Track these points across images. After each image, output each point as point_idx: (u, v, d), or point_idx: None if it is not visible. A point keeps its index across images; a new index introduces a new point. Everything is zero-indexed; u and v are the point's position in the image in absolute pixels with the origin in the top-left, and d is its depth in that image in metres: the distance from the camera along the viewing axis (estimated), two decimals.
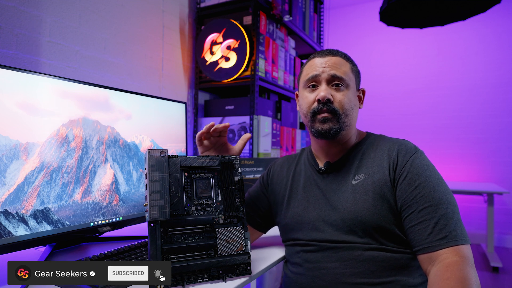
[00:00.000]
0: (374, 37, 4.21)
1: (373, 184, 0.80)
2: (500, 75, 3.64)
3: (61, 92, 0.86)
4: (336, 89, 0.85)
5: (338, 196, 0.84)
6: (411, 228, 0.75)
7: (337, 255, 0.79)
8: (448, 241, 0.71)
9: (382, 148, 0.85)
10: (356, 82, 0.90)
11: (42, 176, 0.81)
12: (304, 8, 2.39)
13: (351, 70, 0.88)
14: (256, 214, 0.99)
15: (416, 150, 0.83)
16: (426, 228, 0.73)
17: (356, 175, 0.84)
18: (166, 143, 1.18)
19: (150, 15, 1.70)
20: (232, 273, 0.74)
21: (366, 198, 0.80)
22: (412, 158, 0.80)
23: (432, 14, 1.94)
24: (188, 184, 0.76)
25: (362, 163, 0.86)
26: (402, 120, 4.02)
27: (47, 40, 1.24)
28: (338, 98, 0.84)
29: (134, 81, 1.61)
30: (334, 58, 0.87)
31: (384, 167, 0.82)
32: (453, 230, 0.72)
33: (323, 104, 0.84)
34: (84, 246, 1.01)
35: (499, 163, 3.62)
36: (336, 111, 0.84)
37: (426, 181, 0.77)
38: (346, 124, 0.85)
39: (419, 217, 0.74)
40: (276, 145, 1.98)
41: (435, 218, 0.73)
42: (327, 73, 0.85)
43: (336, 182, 0.86)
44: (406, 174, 0.79)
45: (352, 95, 0.87)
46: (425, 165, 0.80)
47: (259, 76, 1.80)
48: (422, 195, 0.76)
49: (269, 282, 1.95)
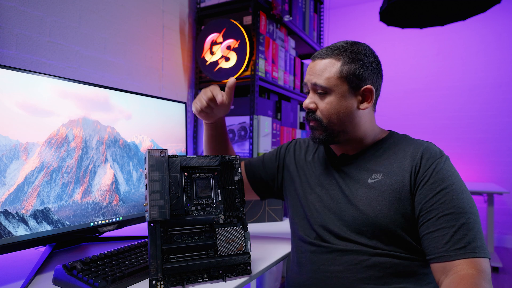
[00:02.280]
0: (374, 37, 4.21)
1: (391, 186, 0.78)
2: (500, 75, 3.64)
3: (61, 92, 0.86)
4: (320, 97, 0.82)
5: (352, 192, 0.82)
6: (427, 234, 0.72)
7: (342, 259, 0.78)
8: (466, 252, 0.67)
9: (405, 150, 0.82)
10: (351, 84, 0.81)
11: (42, 176, 0.81)
12: (304, 8, 2.39)
13: (340, 73, 0.80)
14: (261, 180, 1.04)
15: (441, 154, 0.78)
16: (444, 236, 0.69)
17: (374, 174, 0.81)
18: (166, 143, 1.18)
19: (150, 15, 1.70)
20: (232, 273, 0.74)
21: (381, 199, 0.77)
22: (436, 163, 0.76)
23: (432, 14, 1.94)
24: (188, 184, 0.76)
25: (381, 162, 0.82)
26: (402, 120, 4.02)
27: (47, 40, 1.24)
28: (321, 107, 0.82)
29: (134, 81, 1.61)
30: (322, 62, 0.82)
31: (404, 169, 0.78)
32: (472, 241, 0.68)
33: (307, 113, 0.86)
34: (84, 246, 1.01)
35: (499, 163, 3.62)
36: (319, 121, 0.83)
37: (449, 187, 0.73)
38: (336, 130, 0.82)
39: (437, 224, 0.71)
40: (276, 145, 1.98)
41: (455, 227, 0.69)
42: (310, 81, 0.84)
43: (351, 177, 0.84)
44: (428, 178, 0.75)
45: (338, 100, 0.81)
46: (449, 171, 0.76)
47: (259, 76, 1.80)
48: (443, 202, 0.72)
49: (269, 282, 1.95)
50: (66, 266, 0.69)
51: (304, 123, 2.44)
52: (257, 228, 1.24)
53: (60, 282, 0.69)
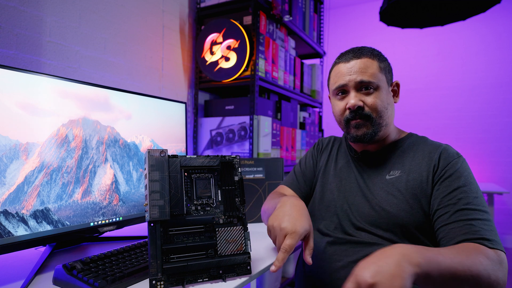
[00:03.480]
0: (374, 37, 4.21)
1: (407, 182, 0.81)
2: (500, 75, 3.64)
3: (61, 92, 0.86)
4: (366, 93, 0.85)
5: (369, 187, 0.86)
6: (443, 226, 0.73)
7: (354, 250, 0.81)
8: (483, 242, 0.68)
9: (424, 150, 0.85)
10: (387, 78, 0.88)
11: (42, 176, 0.81)
12: (304, 8, 2.39)
13: (379, 69, 0.85)
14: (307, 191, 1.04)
15: (458, 155, 0.82)
16: (461, 228, 0.71)
17: (392, 170, 0.85)
18: (166, 143, 1.18)
19: (150, 15, 1.70)
20: (232, 273, 0.74)
21: (397, 194, 0.81)
22: (453, 162, 0.80)
23: (432, 14, 1.94)
24: (188, 184, 0.76)
25: (400, 160, 0.86)
26: (402, 120, 4.02)
27: (47, 40, 1.24)
28: (369, 102, 0.84)
29: (134, 81, 1.61)
30: (359, 61, 0.85)
31: (422, 168, 0.82)
32: (488, 234, 0.69)
33: (354, 112, 0.85)
34: (84, 246, 1.01)
35: (499, 163, 3.62)
36: (369, 116, 0.84)
37: (466, 185, 0.76)
38: (382, 125, 0.86)
39: (454, 217, 0.72)
40: (276, 145, 1.98)
41: (472, 221, 0.71)
42: (354, 81, 0.84)
43: (370, 173, 0.88)
44: (446, 176, 0.78)
45: (384, 94, 0.86)
46: (466, 171, 0.79)
47: (259, 76, 1.80)
48: (460, 198, 0.74)
49: (269, 282, 1.95)
50: (66, 266, 0.69)
51: (304, 123, 2.44)
52: (257, 228, 1.24)
53: (60, 282, 0.69)
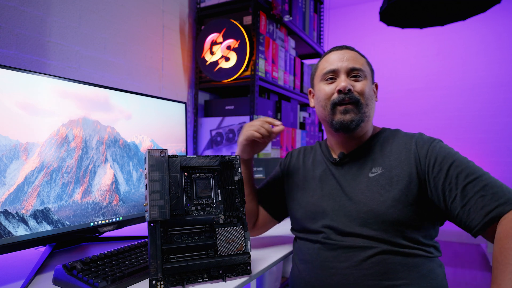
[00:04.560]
0: (374, 37, 4.21)
1: (391, 178, 0.81)
2: (500, 74, 3.64)
3: (61, 92, 0.86)
4: (355, 80, 0.88)
5: (353, 187, 0.84)
6: (460, 212, 0.73)
7: (347, 255, 0.79)
8: (505, 207, 0.68)
9: (399, 142, 0.86)
10: (372, 76, 0.93)
11: (42, 176, 0.81)
12: (304, 8, 2.38)
13: (367, 64, 0.92)
14: (273, 201, 1.02)
15: (433, 139, 0.84)
16: (476, 205, 0.71)
17: (373, 167, 0.85)
18: (166, 143, 1.18)
19: (150, 15, 1.70)
20: (232, 273, 0.74)
21: (383, 192, 0.80)
22: (431, 146, 0.81)
23: (432, 14, 1.94)
24: (188, 184, 0.76)
25: (379, 156, 0.86)
26: (402, 120, 4.02)
27: (47, 40, 1.24)
28: (358, 87, 0.86)
29: (134, 81, 1.61)
30: (351, 52, 0.91)
31: (402, 161, 0.82)
32: (502, 195, 0.70)
33: (344, 94, 0.85)
34: (84, 246, 1.01)
35: (499, 163, 3.62)
36: (358, 100, 0.85)
37: (454, 161, 0.77)
38: (367, 114, 0.87)
39: (463, 197, 0.73)
40: (276, 145, 1.98)
41: (481, 191, 0.71)
42: (346, 66, 0.87)
43: (352, 173, 0.87)
44: (434, 162, 0.78)
45: (369, 87, 0.89)
46: (447, 149, 0.80)
47: (259, 76, 1.80)
48: (457, 175, 0.75)
49: (269, 282, 1.95)
50: (66, 266, 0.69)
51: (304, 123, 2.44)
52: None
53: (60, 282, 0.69)
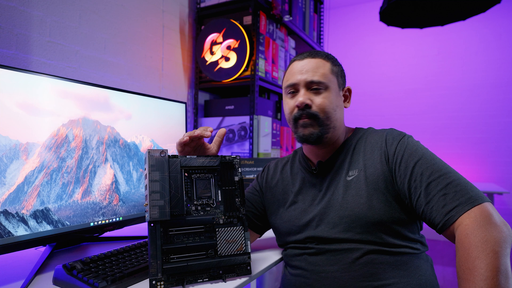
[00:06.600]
0: (374, 37, 4.21)
1: (367, 179, 0.81)
2: (500, 75, 3.64)
3: (61, 92, 0.86)
4: (315, 93, 0.85)
5: (332, 193, 0.84)
6: (425, 209, 0.74)
7: (335, 258, 0.79)
8: (463, 207, 0.69)
9: (371, 141, 0.86)
10: (338, 82, 0.89)
11: (42, 176, 0.81)
12: (304, 8, 2.38)
13: (331, 71, 0.87)
14: (253, 216, 0.98)
15: (403, 135, 0.83)
16: (438, 202, 0.72)
17: (350, 171, 0.84)
18: (166, 143, 1.18)
19: (150, 15, 1.70)
20: (232, 273, 0.74)
21: (361, 193, 0.80)
22: (400, 143, 0.81)
23: (432, 14, 1.94)
24: (188, 184, 0.76)
25: (354, 158, 0.86)
26: (402, 120, 4.02)
27: (47, 40, 1.24)
28: (317, 102, 0.84)
29: (134, 81, 1.61)
30: (313, 61, 0.86)
31: (375, 160, 0.82)
32: (464, 194, 0.70)
33: (301, 110, 0.85)
34: (84, 246, 1.01)
35: (499, 163, 3.62)
36: (315, 115, 0.84)
37: (420, 158, 0.77)
38: (330, 126, 0.85)
39: (427, 195, 0.73)
40: (276, 145, 1.98)
41: (443, 189, 0.72)
42: (305, 79, 0.85)
43: (331, 180, 0.86)
44: (400, 160, 0.79)
45: (334, 96, 0.86)
46: (415, 146, 0.80)
47: (259, 76, 1.80)
48: (422, 173, 0.75)
49: (269, 282, 1.95)
50: (66, 266, 0.69)
51: None
52: None
53: (60, 282, 0.69)
